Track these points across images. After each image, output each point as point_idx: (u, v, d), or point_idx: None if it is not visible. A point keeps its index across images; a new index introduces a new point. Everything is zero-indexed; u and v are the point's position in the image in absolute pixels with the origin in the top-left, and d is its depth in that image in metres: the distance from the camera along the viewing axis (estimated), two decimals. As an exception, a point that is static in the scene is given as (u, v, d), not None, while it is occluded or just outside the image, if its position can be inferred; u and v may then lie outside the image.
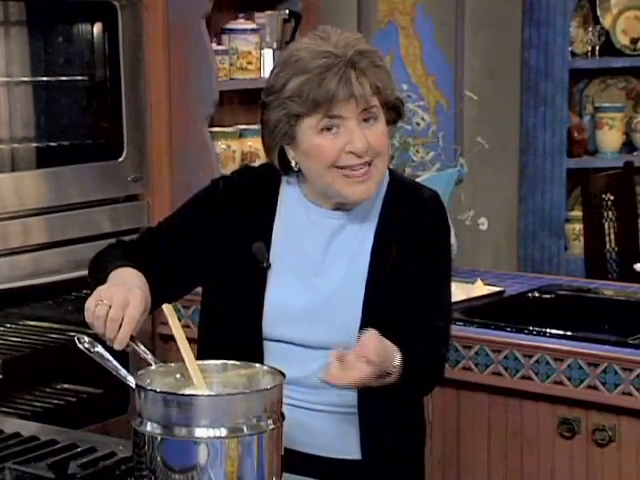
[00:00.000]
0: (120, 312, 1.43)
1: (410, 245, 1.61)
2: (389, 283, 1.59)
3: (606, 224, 3.43)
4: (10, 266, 2.37)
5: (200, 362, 1.41)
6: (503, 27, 3.73)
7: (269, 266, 1.60)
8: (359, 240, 1.61)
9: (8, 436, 1.60)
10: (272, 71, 1.61)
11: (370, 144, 1.54)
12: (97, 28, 2.55)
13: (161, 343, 2.74)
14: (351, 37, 1.57)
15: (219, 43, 2.77)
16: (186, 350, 1.40)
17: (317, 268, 1.60)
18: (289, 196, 1.64)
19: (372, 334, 1.45)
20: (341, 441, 1.60)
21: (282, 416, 1.33)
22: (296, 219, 1.62)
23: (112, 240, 1.73)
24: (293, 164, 1.59)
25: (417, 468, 1.71)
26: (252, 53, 2.78)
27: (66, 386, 2.55)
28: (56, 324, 2.54)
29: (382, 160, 1.58)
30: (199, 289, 1.70)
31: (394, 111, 1.60)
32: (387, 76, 1.56)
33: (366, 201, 1.60)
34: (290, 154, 1.59)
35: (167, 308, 1.46)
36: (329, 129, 1.53)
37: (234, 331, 1.60)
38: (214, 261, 1.63)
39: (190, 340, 2.82)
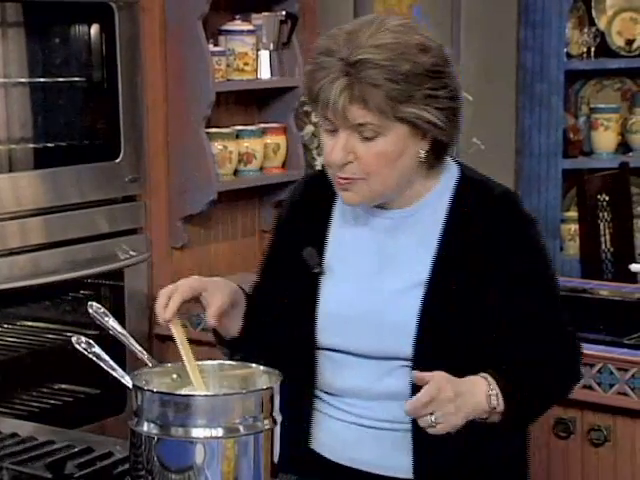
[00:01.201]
0: (173, 287, 1.44)
1: (482, 248, 1.46)
2: (453, 293, 1.45)
3: (601, 225, 3.44)
4: (8, 266, 2.37)
5: (197, 362, 1.41)
6: (499, 28, 3.74)
7: (322, 272, 1.51)
8: (419, 242, 1.49)
9: (5, 436, 1.60)
10: None
11: (358, 160, 1.42)
12: (94, 29, 2.55)
13: (158, 343, 2.75)
14: (387, 38, 1.40)
15: (216, 44, 2.77)
16: (185, 349, 1.40)
17: (371, 273, 1.50)
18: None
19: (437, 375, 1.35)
20: (392, 459, 1.50)
21: (279, 416, 1.33)
22: (351, 223, 1.53)
23: (112, 240, 1.71)
24: None
25: None
26: (249, 54, 2.79)
27: (63, 386, 2.55)
28: (54, 324, 2.55)
29: (377, 182, 1.43)
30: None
31: (427, 127, 1.42)
32: (385, 97, 1.38)
33: (429, 198, 1.48)
34: None
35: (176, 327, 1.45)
36: (333, 131, 1.43)
37: (287, 339, 1.54)
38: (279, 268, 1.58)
39: (201, 343, 2.85)
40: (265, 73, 2.84)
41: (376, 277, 1.50)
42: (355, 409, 1.50)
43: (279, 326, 1.55)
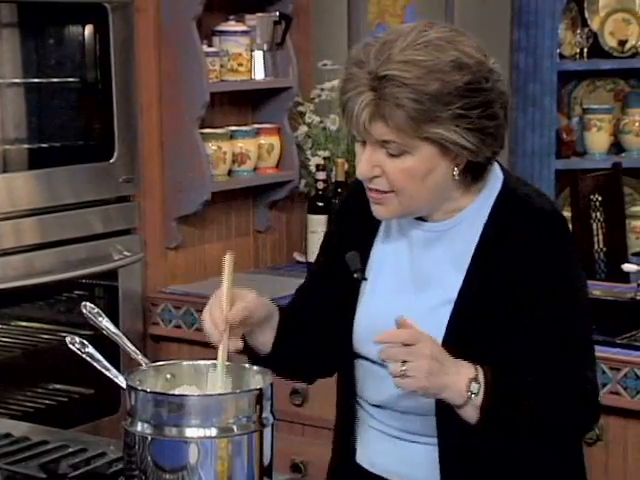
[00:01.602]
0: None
1: (513, 269, 1.39)
2: (481, 312, 1.41)
3: (594, 225, 3.45)
4: (2, 267, 2.37)
5: (191, 362, 1.42)
6: (492, 29, 3.74)
7: (364, 278, 1.48)
8: (453, 258, 1.44)
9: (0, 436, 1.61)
10: None
11: (386, 174, 1.39)
12: (88, 30, 2.55)
13: (152, 343, 2.76)
14: (419, 54, 1.34)
15: (210, 45, 2.77)
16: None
17: (405, 287, 1.47)
18: None
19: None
20: (422, 473, 1.46)
21: (272, 416, 1.34)
22: (394, 234, 1.50)
23: (106, 240, 1.70)
24: None
25: None
26: (243, 55, 2.79)
27: (57, 386, 2.55)
28: (48, 325, 2.55)
29: (404, 197, 1.40)
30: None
31: (455, 148, 1.37)
32: (406, 116, 1.33)
33: (468, 212, 1.43)
34: None
35: (228, 259, 1.43)
36: (359, 139, 1.40)
37: (326, 344, 1.52)
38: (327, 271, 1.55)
39: (195, 343, 2.84)
40: (259, 74, 2.84)
41: (410, 291, 1.47)
42: (389, 421, 1.49)
43: (320, 330, 1.52)
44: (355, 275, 1.47)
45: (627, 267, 2.71)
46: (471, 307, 1.41)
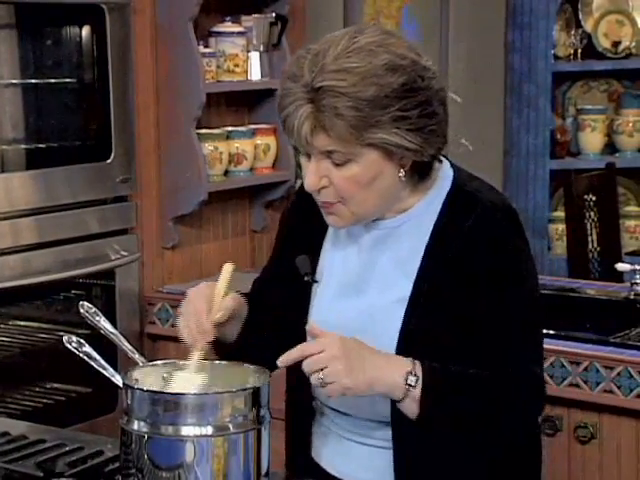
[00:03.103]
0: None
1: (462, 265, 1.39)
2: (435, 309, 1.40)
3: (588, 224, 3.46)
4: (0, 266, 2.38)
5: (187, 361, 1.42)
6: (487, 31, 3.76)
7: (315, 281, 1.48)
8: (404, 255, 1.43)
9: (-3, 435, 1.61)
10: None
11: (333, 185, 1.38)
12: (85, 31, 2.56)
13: (149, 342, 2.77)
14: (352, 60, 1.33)
15: (206, 46, 2.78)
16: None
17: (354, 286, 1.46)
18: None
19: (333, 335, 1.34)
20: (377, 476, 1.46)
21: (268, 415, 1.34)
22: (343, 234, 1.49)
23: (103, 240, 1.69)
24: None
25: None
26: (239, 56, 2.80)
27: (55, 385, 2.56)
28: (45, 324, 2.55)
29: (354, 205, 1.39)
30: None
31: (398, 151, 1.36)
32: (346, 125, 1.32)
33: (417, 209, 1.42)
34: None
35: (227, 267, 1.44)
36: (303, 152, 1.40)
37: (280, 346, 1.46)
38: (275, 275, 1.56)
39: (168, 338, 2.84)
40: (255, 74, 2.85)
41: (362, 292, 1.46)
42: (345, 424, 1.49)
43: (273, 332, 1.53)
44: (306, 278, 1.48)
45: (621, 267, 2.71)
46: (424, 305, 1.40)
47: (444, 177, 1.46)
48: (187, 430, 1.28)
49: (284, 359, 1.36)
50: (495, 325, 1.39)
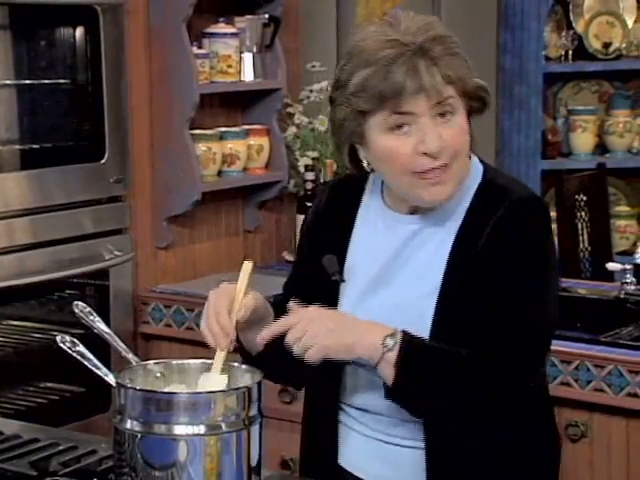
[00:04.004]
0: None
1: (493, 256, 1.40)
2: (465, 300, 1.41)
3: (579, 224, 3.47)
4: (-6, 266, 2.40)
5: (180, 361, 1.43)
6: (478, 32, 3.77)
7: (342, 280, 1.48)
8: (435, 248, 1.45)
9: (-9, 434, 1.62)
10: (338, 64, 1.44)
11: (446, 143, 1.38)
12: (79, 32, 2.56)
13: (143, 342, 2.78)
14: (423, 21, 1.40)
15: (200, 47, 2.79)
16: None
17: (382, 281, 1.47)
18: (369, 207, 1.52)
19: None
20: (408, 475, 1.46)
21: (261, 414, 1.35)
22: (373, 230, 1.50)
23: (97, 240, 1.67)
24: (365, 164, 1.45)
25: None
26: (232, 57, 2.81)
27: (49, 385, 2.56)
28: (40, 324, 2.56)
29: (461, 159, 1.41)
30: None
31: (477, 100, 1.43)
32: (463, 64, 1.39)
33: (445, 203, 1.43)
34: (361, 153, 1.45)
35: (247, 265, 1.44)
36: (399, 127, 1.38)
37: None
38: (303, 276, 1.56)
39: (185, 341, 2.85)
40: (248, 75, 2.86)
41: (389, 285, 1.46)
42: (374, 425, 1.48)
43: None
44: (333, 278, 1.48)
45: (611, 266, 2.73)
46: (454, 297, 1.41)
47: (475, 170, 1.49)
48: (180, 429, 1.29)
49: (264, 334, 1.38)
50: (509, 312, 1.40)
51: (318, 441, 1.55)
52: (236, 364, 1.42)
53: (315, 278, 1.52)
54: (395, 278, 1.46)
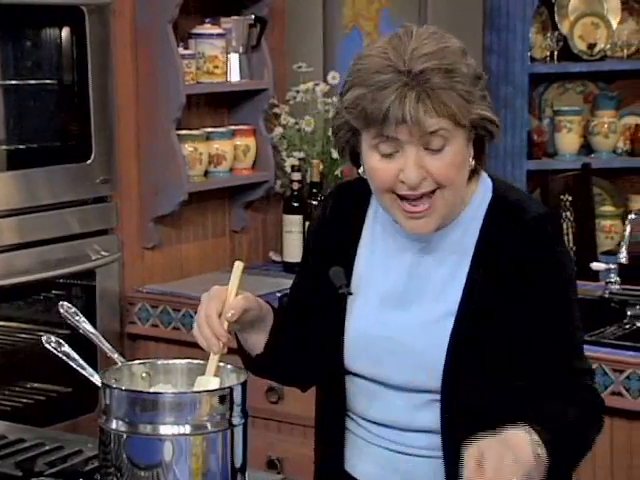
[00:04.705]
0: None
1: (512, 276, 1.39)
2: (484, 321, 1.39)
3: (565, 224, 3.49)
4: (-20, 267, 2.40)
5: (166, 361, 1.44)
6: (464, 33, 3.76)
7: (349, 293, 1.46)
8: (450, 266, 1.42)
9: (-23, 435, 1.62)
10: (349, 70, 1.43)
11: (430, 174, 1.35)
12: (65, 32, 2.56)
13: (129, 342, 2.78)
14: (436, 45, 1.35)
15: (186, 47, 2.79)
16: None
17: (400, 298, 1.44)
18: (376, 217, 1.49)
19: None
20: None
21: (246, 414, 1.36)
22: (381, 242, 1.47)
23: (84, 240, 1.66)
24: (361, 171, 1.44)
25: None
26: (218, 57, 2.81)
27: (35, 385, 2.56)
28: (26, 324, 2.55)
29: (449, 191, 1.37)
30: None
31: (482, 130, 1.38)
32: (462, 95, 1.33)
33: (463, 218, 1.41)
34: (361, 159, 1.44)
35: (237, 265, 1.42)
36: (387, 151, 1.36)
37: (316, 360, 1.49)
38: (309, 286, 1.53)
39: (172, 342, 2.85)
40: (235, 76, 2.87)
41: (405, 304, 1.44)
42: (389, 436, 1.46)
43: (309, 345, 1.50)
44: (340, 291, 1.45)
45: (596, 266, 2.74)
46: (473, 316, 1.40)
47: (485, 185, 1.47)
48: (165, 429, 1.29)
49: None
50: (541, 333, 1.40)
51: (326, 447, 1.54)
52: (222, 364, 1.42)
53: (321, 289, 1.49)
54: (414, 297, 1.44)
